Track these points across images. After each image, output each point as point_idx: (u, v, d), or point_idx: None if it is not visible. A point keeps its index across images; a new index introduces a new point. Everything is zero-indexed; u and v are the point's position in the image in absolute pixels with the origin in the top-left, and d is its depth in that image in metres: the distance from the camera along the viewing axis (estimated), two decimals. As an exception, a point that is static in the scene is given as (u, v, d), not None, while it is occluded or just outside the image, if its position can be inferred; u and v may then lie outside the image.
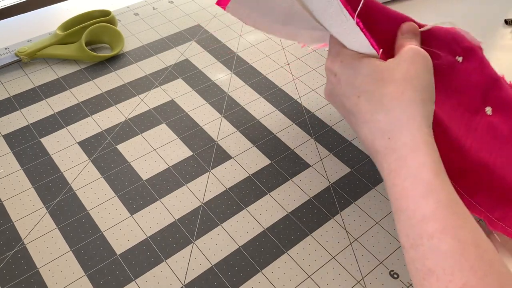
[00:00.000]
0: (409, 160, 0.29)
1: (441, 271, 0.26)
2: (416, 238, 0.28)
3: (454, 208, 0.28)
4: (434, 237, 0.27)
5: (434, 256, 0.26)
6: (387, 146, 0.30)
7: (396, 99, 0.30)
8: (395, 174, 0.29)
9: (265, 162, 0.45)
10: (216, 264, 0.38)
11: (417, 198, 0.28)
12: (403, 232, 0.29)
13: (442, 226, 0.27)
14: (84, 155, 0.45)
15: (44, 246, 0.38)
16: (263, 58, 0.57)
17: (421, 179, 0.28)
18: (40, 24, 0.61)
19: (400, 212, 0.29)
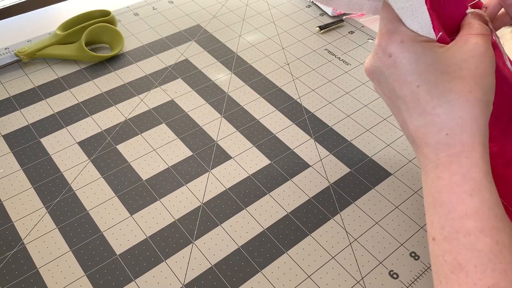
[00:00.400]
0: (463, 158, 0.29)
1: (472, 268, 0.26)
2: (452, 232, 0.28)
3: (496, 211, 0.28)
4: (472, 234, 0.27)
5: (468, 252, 0.27)
6: (442, 141, 0.29)
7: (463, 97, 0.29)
8: (443, 168, 0.29)
9: (265, 162, 0.45)
10: (215, 264, 0.38)
11: (462, 194, 0.28)
12: (438, 224, 0.29)
13: (482, 225, 0.27)
14: (84, 155, 0.45)
15: (44, 246, 0.38)
16: (263, 58, 0.57)
17: (471, 178, 0.28)
18: (40, 24, 0.61)
19: (440, 204, 0.29)
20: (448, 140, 0.29)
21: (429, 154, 0.30)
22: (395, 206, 0.42)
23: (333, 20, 0.64)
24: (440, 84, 0.30)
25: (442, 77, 0.30)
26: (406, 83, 0.31)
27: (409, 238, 0.40)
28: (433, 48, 0.31)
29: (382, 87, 0.33)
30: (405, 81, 0.31)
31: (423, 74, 0.30)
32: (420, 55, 0.30)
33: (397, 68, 0.31)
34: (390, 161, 0.46)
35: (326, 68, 0.56)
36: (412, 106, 0.31)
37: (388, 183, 0.44)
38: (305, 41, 0.60)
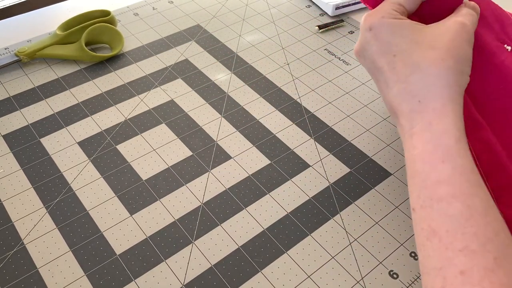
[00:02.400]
0: (434, 125, 0.29)
1: (444, 233, 0.27)
2: (426, 200, 0.28)
3: (469, 176, 0.28)
4: (443, 200, 0.28)
5: (441, 218, 0.27)
6: (415, 109, 0.31)
7: (435, 65, 0.30)
8: (417, 137, 0.30)
9: (265, 162, 0.45)
10: (215, 264, 0.38)
11: (435, 161, 0.29)
12: (415, 193, 0.29)
13: (454, 191, 0.28)
14: (84, 155, 0.45)
15: (43, 246, 0.38)
16: (263, 58, 0.57)
17: (442, 144, 0.29)
18: (40, 24, 0.61)
19: (415, 173, 0.30)
20: (420, 107, 0.30)
21: (404, 123, 0.31)
22: (395, 206, 0.42)
23: (333, 20, 0.64)
24: (414, 53, 0.31)
25: (417, 47, 0.31)
26: (384, 54, 0.32)
27: (409, 238, 0.40)
28: (411, 24, 0.32)
29: (367, 63, 0.35)
30: (383, 52, 0.32)
31: (399, 45, 0.32)
32: (398, 28, 0.32)
33: (377, 40, 0.33)
34: (390, 161, 0.46)
35: (326, 68, 0.56)
36: (389, 76, 0.32)
37: (388, 183, 0.44)
38: (305, 41, 0.60)
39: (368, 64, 0.35)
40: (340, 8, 0.64)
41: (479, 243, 0.26)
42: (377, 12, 0.34)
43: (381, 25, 0.33)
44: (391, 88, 0.32)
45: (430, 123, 0.30)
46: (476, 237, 0.26)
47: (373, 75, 0.35)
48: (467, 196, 0.27)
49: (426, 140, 0.29)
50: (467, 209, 0.27)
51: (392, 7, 0.33)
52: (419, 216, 0.29)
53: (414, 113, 0.30)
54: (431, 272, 0.27)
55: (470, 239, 0.26)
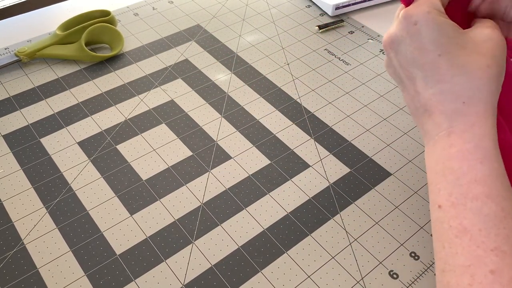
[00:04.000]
0: (476, 127, 0.30)
1: (477, 231, 0.27)
2: (460, 198, 0.29)
3: (503, 180, 0.29)
4: (479, 199, 0.28)
5: (474, 217, 0.28)
6: (457, 110, 0.31)
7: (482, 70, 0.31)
8: (456, 136, 0.30)
9: (265, 162, 0.45)
10: (215, 264, 0.38)
11: (474, 161, 0.29)
12: (446, 190, 0.30)
13: (489, 192, 0.28)
14: (84, 155, 0.45)
15: (43, 246, 0.38)
16: (263, 58, 0.57)
17: (482, 146, 0.29)
18: (40, 24, 0.61)
19: (450, 171, 0.30)
20: (464, 108, 0.31)
21: (442, 121, 0.31)
22: (395, 206, 0.42)
23: (333, 20, 0.64)
24: (460, 56, 0.31)
25: (462, 50, 0.31)
26: (427, 51, 0.32)
27: (409, 238, 0.40)
28: (455, 25, 0.32)
29: (400, 57, 0.34)
30: (427, 50, 0.32)
31: (445, 45, 0.32)
32: (444, 27, 0.32)
33: (421, 36, 0.32)
34: (390, 161, 0.46)
35: (326, 68, 0.56)
36: (431, 74, 0.32)
37: (388, 183, 0.44)
38: (305, 41, 0.60)
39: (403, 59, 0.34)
40: (340, 8, 0.64)
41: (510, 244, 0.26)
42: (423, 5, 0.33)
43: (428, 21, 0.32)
44: (431, 86, 0.32)
45: (473, 125, 0.30)
46: (508, 239, 0.27)
47: (406, 71, 0.34)
48: (501, 198, 0.28)
49: (466, 140, 0.30)
50: (501, 210, 0.27)
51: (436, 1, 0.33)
52: (447, 214, 0.29)
53: (456, 113, 0.31)
54: (457, 269, 0.27)
55: (502, 240, 0.27)
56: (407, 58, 0.34)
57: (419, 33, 0.32)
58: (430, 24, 0.32)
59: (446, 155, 0.31)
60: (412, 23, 0.33)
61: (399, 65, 0.34)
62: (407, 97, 0.35)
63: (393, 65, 0.35)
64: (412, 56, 0.33)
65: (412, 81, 0.34)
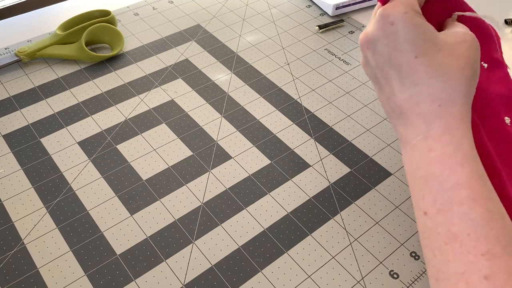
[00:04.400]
0: (454, 130, 0.30)
1: (466, 236, 0.27)
2: (445, 204, 0.28)
3: (484, 181, 0.29)
4: (464, 203, 0.28)
5: (462, 222, 0.27)
6: (433, 112, 0.31)
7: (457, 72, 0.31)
8: (434, 140, 0.30)
9: (265, 162, 0.45)
10: (216, 264, 0.38)
11: (455, 164, 0.29)
12: (430, 197, 0.29)
13: (474, 194, 0.28)
14: (84, 155, 0.45)
15: (44, 246, 0.38)
16: (263, 58, 0.57)
17: (461, 148, 0.29)
18: (40, 24, 0.61)
19: (432, 177, 0.30)
20: (440, 111, 0.30)
21: (419, 124, 0.31)
22: (395, 206, 0.42)
23: (333, 20, 0.64)
24: (437, 58, 0.31)
25: (439, 52, 0.31)
26: (404, 52, 0.32)
27: (409, 238, 0.40)
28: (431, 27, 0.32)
29: (376, 57, 0.34)
30: (404, 51, 0.32)
31: (422, 47, 0.31)
32: (421, 28, 0.31)
33: (398, 37, 0.32)
34: (390, 161, 0.46)
35: (326, 68, 0.56)
36: (407, 75, 0.32)
37: (388, 183, 0.44)
38: (305, 41, 0.60)
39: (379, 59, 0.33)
40: (340, 8, 0.64)
41: (500, 246, 0.26)
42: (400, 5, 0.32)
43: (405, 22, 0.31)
44: (407, 88, 0.32)
45: (450, 128, 0.30)
46: (498, 241, 0.26)
47: (382, 72, 0.34)
48: (486, 200, 0.28)
49: (445, 143, 0.30)
50: (487, 212, 0.27)
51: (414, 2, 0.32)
52: (435, 221, 0.29)
53: (433, 116, 0.30)
54: (451, 277, 0.27)
55: (492, 242, 0.26)
56: (384, 58, 0.33)
57: (395, 34, 0.32)
58: (407, 24, 0.31)
59: (425, 160, 0.30)
60: (389, 23, 0.32)
61: (376, 65, 0.34)
62: (382, 98, 0.34)
63: (370, 65, 0.35)
64: (389, 57, 0.33)
65: (388, 81, 0.33)
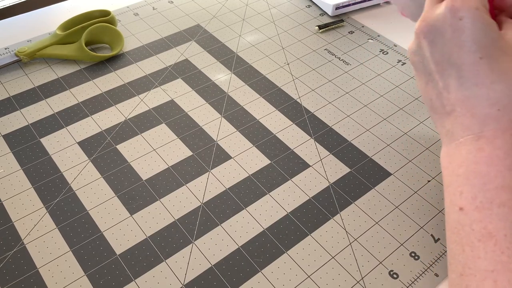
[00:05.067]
0: (508, 135, 0.30)
1: (502, 237, 0.27)
2: (485, 202, 0.29)
3: None
4: (506, 205, 0.28)
5: (500, 222, 0.28)
6: (491, 115, 0.30)
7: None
8: (485, 141, 0.30)
9: (265, 162, 0.45)
10: (215, 264, 0.38)
11: (502, 167, 0.29)
12: (470, 194, 0.30)
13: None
14: (84, 155, 0.45)
15: (44, 246, 0.38)
16: (263, 58, 0.57)
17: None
18: (40, 24, 0.61)
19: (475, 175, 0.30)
20: (498, 115, 0.30)
21: (472, 125, 0.31)
22: (395, 206, 0.42)
23: (333, 20, 0.64)
24: (501, 61, 0.30)
25: (504, 56, 0.31)
26: (469, 52, 0.31)
27: (409, 238, 0.40)
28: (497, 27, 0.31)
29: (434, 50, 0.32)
30: (469, 49, 0.31)
31: (488, 48, 0.30)
32: (489, 28, 0.30)
33: (464, 34, 0.31)
34: (390, 161, 0.46)
35: (326, 68, 0.56)
36: (468, 76, 0.31)
37: (388, 183, 0.44)
38: (305, 41, 0.60)
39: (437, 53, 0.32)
40: (340, 8, 0.64)
41: None
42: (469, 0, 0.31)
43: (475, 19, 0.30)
44: (466, 88, 0.31)
45: (505, 132, 0.30)
46: None
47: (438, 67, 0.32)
48: None
49: (497, 146, 0.30)
50: None
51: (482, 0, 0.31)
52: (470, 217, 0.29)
53: (490, 118, 0.30)
54: (478, 273, 0.27)
55: None
56: (443, 52, 0.32)
57: (463, 30, 0.30)
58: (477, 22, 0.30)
59: (472, 158, 0.30)
60: (457, 18, 0.31)
61: (432, 57, 0.33)
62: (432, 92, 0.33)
63: (421, 54, 0.33)
64: (450, 53, 0.31)
65: (444, 77, 0.32)
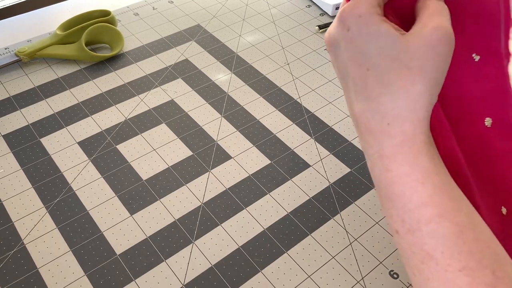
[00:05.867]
0: (406, 148, 0.28)
1: (440, 255, 0.26)
2: (413, 224, 0.28)
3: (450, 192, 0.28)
4: (432, 221, 0.27)
5: (433, 240, 0.27)
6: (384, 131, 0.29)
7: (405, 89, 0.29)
8: (388, 160, 0.29)
9: (265, 162, 0.45)
10: (216, 264, 0.38)
11: (414, 183, 0.28)
12: (398, 217, 0.29)
13: (440, 211, 0.27)
14: (84, 155, 0.45)
15: (44, 246, 0.38)
16: (263, 58, 0.57)
17: (418, 165, 0.28)
18: (40, 24, 0.61)
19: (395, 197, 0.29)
20: (389, 129, 0.29)
21: (372, 142, 0.30)
22: (395, 206, 0.42)
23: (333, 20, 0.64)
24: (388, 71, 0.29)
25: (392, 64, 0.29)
26: (358, 64, 0.29)
27: (409, 238, 0.40)
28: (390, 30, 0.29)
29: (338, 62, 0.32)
30: (357, 61, 0.29)
31: (374, 57, 0.29)
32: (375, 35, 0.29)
33: (353, 45, 0.29)
34: (390, 161, 0.46)
35: (326, 68, 0.56)
36: (360, 89, 0.30)
37: (388, 183, 0.44)
38: (305, 41, 0.60)
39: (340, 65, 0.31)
40: (340, 8, 0.64)
41: (475, 259, 0.26)
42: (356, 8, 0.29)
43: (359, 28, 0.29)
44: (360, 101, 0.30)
45: (401, 146, 0.28)
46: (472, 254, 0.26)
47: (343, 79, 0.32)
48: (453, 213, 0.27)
49: (400, 162, 0.28)
50: (457, 226, 0.27)
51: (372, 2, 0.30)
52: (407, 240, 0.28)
53: (383, 134, 0.29)
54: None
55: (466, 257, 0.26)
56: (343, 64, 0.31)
57: (351, 41, 0.29)
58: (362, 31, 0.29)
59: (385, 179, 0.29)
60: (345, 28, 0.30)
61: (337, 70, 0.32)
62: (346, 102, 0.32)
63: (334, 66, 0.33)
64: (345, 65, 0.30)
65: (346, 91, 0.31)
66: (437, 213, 0.27)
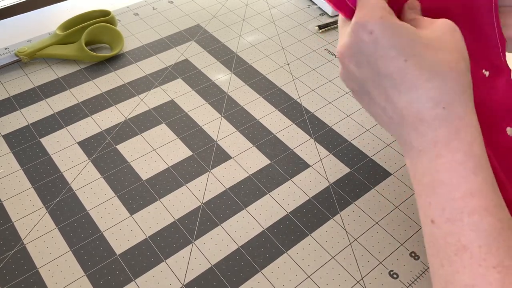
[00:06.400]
0: (463, 134, 0.28)
1: (477, 248, 0.26)
2: (455, 213, 0.27)
3: (495, 188, 0.27)
4: (476, 213, 0.26)
5: (473, 233, 0.26)
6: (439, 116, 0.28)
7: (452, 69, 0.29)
8: (442, 146, 0.28)
9: (265, 162, 0.45)
10: (215, 264, 0.38)
11: (466, 172, 0.27)
12: (438, 205, 0.28)
13: (486, 204, 0.26)
14: (83, 155, 0.45)
15: (43, 246, 0.38)
16: (263, 58, 0.57)
17: (473, 154, 0.27)
18: (40, 24, 0.61)
19: (439, 184, 0.28)
20: (445, 114, 0.28)
21: (425, 131, 0.29)
22: (395, 206, 0.42)
23: (333, 20, 0.64)
24: (428, 57, 0.29)
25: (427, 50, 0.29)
26: (391, 59, 0.29)
27: (409, 238, 0.40)
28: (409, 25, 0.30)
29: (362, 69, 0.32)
30: (390, 57, 0.29)
31: (408, 48, 0.29)
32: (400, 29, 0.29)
33: (380, 45, 0.30)
34: (390, 161, 0.46)
35: (326, 68, 0.56)
36: (401, 82, 0.29)
37: (388, 183, 0.44)
38: (305, 41, 0.60)
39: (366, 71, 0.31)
40: (340, 8, 0.64)
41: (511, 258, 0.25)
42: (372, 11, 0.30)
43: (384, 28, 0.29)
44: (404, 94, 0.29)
45: (458, 132, 0.28)
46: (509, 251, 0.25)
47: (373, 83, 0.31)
48: (498, 209, 0.26)
49: (455, 149, 0.28)
50: (500, 223, 0.26)
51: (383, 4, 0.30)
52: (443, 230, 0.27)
53: (438, 120, 0.28)
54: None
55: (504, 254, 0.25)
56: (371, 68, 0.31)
57: (377, 42, 0.30)
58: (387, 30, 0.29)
59: (433, 167, 0.28)
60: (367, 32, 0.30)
61: (363, 77, 0.32)
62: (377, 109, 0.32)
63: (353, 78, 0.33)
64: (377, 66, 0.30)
65: (383, 90, 0.31)
66: (484, 206, 0.26)
